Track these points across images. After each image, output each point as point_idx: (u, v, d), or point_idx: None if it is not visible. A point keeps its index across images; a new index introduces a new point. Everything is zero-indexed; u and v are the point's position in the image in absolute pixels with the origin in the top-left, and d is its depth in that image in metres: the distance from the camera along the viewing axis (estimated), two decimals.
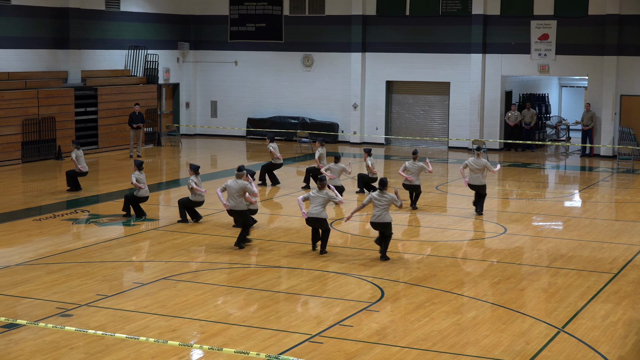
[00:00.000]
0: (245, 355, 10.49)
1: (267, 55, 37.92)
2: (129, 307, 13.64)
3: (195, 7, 38.74)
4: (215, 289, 14.78)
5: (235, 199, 17.52)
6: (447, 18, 34.93)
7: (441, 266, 16.47)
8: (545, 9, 33.61)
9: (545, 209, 22.67)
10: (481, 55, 34.29)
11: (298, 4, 37.18)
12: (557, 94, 41.82)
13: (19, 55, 31.02)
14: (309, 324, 12.91)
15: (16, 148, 29.32)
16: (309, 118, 37.05)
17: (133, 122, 31.50)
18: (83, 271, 15.74)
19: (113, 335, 11.72)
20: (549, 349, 12.01)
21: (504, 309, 13.82)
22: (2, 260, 16.54)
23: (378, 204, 16.84)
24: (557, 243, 18.62)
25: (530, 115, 34.91)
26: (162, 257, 16.85)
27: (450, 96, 35.23)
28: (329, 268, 16.23)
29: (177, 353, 11.61)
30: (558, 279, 15.69)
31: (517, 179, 27.99)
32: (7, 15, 30.46)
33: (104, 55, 34.56)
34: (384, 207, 16.81)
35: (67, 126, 31.25)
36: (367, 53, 36.18)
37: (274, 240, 18.51)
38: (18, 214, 21.07)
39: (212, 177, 26.50)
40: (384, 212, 16.79)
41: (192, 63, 38.84)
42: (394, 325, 12.92)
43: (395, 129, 36.54)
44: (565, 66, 33.87)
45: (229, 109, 38.69)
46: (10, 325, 12.52)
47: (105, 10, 34.50)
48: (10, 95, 29.25)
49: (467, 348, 12.01)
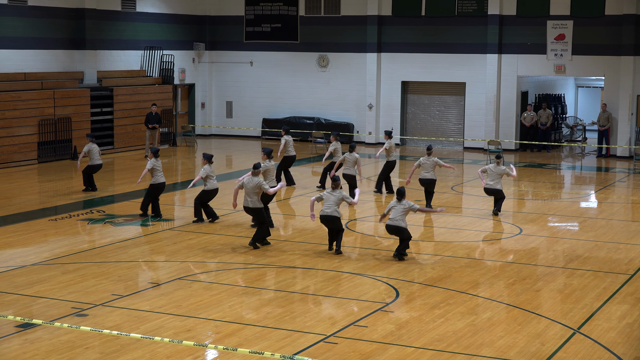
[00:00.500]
0: (260, 355, 10.50)
1: (282, 56, 37.94)
2: (144, 307, 13.66)
3: (211, 7, 38.80)
4: (230, 289, 14.79)
5: (251, 196, 17.54)
6: (463, 18, 34.87)
7: (456, 267, 16.43)
8: (562, 9, 33.49)
9: (561, 210, 22.59)
10: (497, 55, 34.20)
11: (313, 5, 37.18)
12: (574, 95, 41.66)
13: (35, 56, 31.14)
14: (323, 325, 12.90)
15: (32, 148, 29.43)
16: (324, 118, 37.05)
17: (149, 122, 31.64)
18: (98, 271, 15.78)
19: (128, 335, 11.74)
20: (564, 350, 11.97)
21: (519, 310, 13.78)
22: (18, 260, 16.60)
23: (395, 210, 16.88)
24: (573, 244, 18.55)
25: (546, 115, 34.79)
26: (178, 257, 16.87)
27: (466, 96, 35.15)
28: (344, 268, 16.22)
29: (192, 353, 11.62)
30: (574, 279, 15.64)
31: (533, 179, 27.90)
32: (24, 16, 30.57)
33: (120, 55, 34.65)
34: (402, 213, 16.81)
35: (83, 126, 31.35)
36: (382, 53, 36.14)
37: (288, 241, 18.51)
38: (34, 214, 21.14)
39: (227, 177, 26.52)
40: (400, 218, 16.77)
41: (207, 63, 38.90)
42: (408, 326, 12.89)
43: (410, 130, 36.49)
44: (581, 66, 33.75)
45: (245, 110, 38.73)
46: (26, 324, 12.57)
47: (121, 10, 34.60)
48: (27, 95, 29.37)
49: (482, 349, 11.98)
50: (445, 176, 27.78)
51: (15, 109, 28.87)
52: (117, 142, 32.97)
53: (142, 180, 21.36)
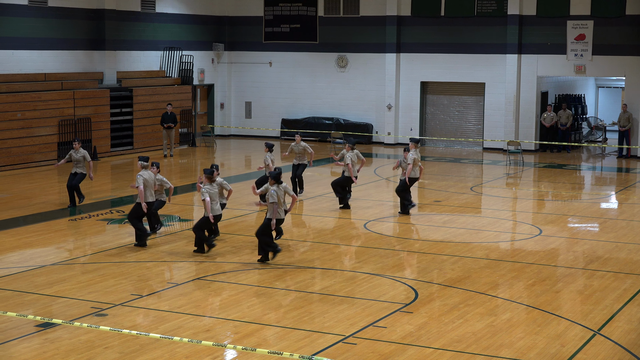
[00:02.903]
0: (278, 355, 10.49)
1: (301, 56, 37.94)
2: (163, 307, 13.69)
3: (230, 8, 38.85)
4: (249, 289, 14.79)
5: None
6: (483, 18, 34.77)
7: (475, 268, 16.38)
8: (582, 9, 33.34)
9: (581, 211, 22.49)
10: (517, 55, 34.09)
11: (332, 5, 37.17)
12: (594, 95, 41.48)
13: (55, 57, 31.27)
14: (342, 325, 12.89)
15: (52, 149, 29.55)
16: (343, 119, 37.03)
17: (165, 122, 31.84)
18: (118, 271, 15.82)
19: (147, 335, 11.76)
20: (584, 351, 11.91)
21: (539, 311, 13.72)
22: (38, 259, 16.67)
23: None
24: (593, 245, 18.46)
25: (566, 116, 34.65)
26: (196, 258, 16.89)
27: (486, 97, 35.05)
28: (363, 269, 16.20)
29: (211, 353, 11.63)
30: (594, 281, 15.56)
31: (553, 180, 27.79)
32: (44, 16, 30.71)
33: (139, 56, 34.75)
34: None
35: (103, 127, 31.46)
36: (401, 54, 36.09)
37: (307, 241, 18.50)
38: (54, 214, 21.23)
39: (246, 177, 26.54)
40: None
41: (226, 64, 38.95)
42: (427, 327, 12.86)
43: (429, 130, 36.41)
44: (601, 67, 33.59)
45: (264, 110, 38.76)
46: (46, 324, 12.61)
47: (141, 11, 34.69)
48: (47, 96, 29.50)
49: (502, 350, 11.94)
50: (463, 177, 27.72)
51: (36, 109, 29.01)
52: (137, 143, 33.05)
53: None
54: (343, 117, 37.17)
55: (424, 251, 17.58)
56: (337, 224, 20.35)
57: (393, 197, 23.76)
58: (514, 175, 28.83)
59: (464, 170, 29.81)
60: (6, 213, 21.13)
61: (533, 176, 28.97)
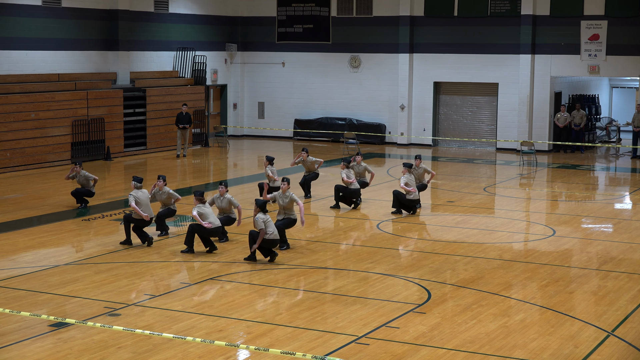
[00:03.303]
0: (291, 356, 10.49)
1: (314, 57, 37.94)
2: (176, 307, 13.71)
3: (243, 8, 38.88)
4: (262, 289, 14.80)
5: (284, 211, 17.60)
6: (496, 18, 34.70)
7: (489, 268, 16.35)
8: (596, 9, 33.24)
9: (595, 211, 22.42)
10: (530, 56, 34.00)
11: (345, 5, 37.15)
12: (608, 95, 41.35)
13: (68, 57, 31.35)
14: (355, 326, 12.88)
15: (66, 149, 29.62)
16: (356, 119, 37.01)
17: (180, 122, 31.93)
18: (131, 271, 15.85)
19: (160, 335, 11.78)
20: (598, 352, 11.86)
21: (552, 312, 13.68)
22: (51, 259, 16.72)
23: None
24: (607, 245, 18.39)
25: (579, 116, 34.54)
26: (210, 258, 16.90)
27: (499, 97, 34.98)
28: (376, 269, 16.18)
29: (224, 353, 11.64)
30: (608, 281, 15.50)
31: (567, 180, 27.71)
32: (58, 17, 30.79)
33: (153, 56, 34.81)
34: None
35: (116, 127, 31.53)
36: (414, 54, 36.04)
37: (320, 242, 18.49)
38: (67, 214, 21.28)
39: (258, 178, 26.53)
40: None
41: (239, 64, 38.98)
42: (440, 327, 12.84)
43: (442, 130, 36.36)
44: (616, 67, 33.47)
45: (276, 110, 38.78)
46: (59, 324, 12.64)
47: (154, 12, 34.75)
48: (60, 96, 29.57)
49: (515, 351, 11.91)
50: (477, 177, 27.68)
51: (49, 109, 29.08)
52: (150, 143, 33.10)
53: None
54: (356, 117, 37.15)
55: (437, 252, 17.55)
56: (350, 224, 20.34)
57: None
58: (528, 175, 28.76)
59: (477, 170, 29.75)
60: (20, 213, 21.20)
61: (546, 177, 28.90)
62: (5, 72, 28.97)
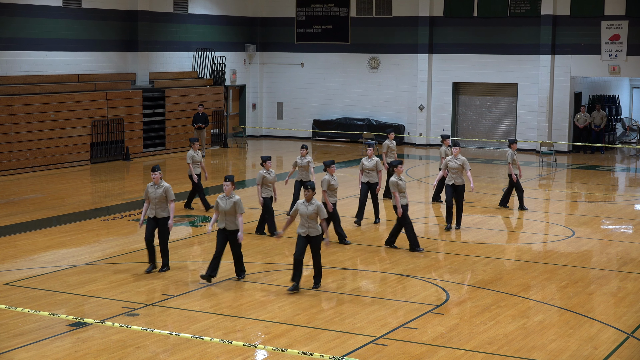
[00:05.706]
0: (309, 356, 10.48)
1: (333, 57, 37.94)
2: (194, 307, 13.73)
3: (262, 9, 38.93)
4: (280, 290, 14.79)
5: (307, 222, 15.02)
6: (516, 19, 34.59)
7: (507, 269, 16.29)
8: (617, 9, 33.07)
9: (615, 212, 22.30)
10: (550, 56, 33.88)
11: (365, 6, 37.13)
12: (628, 96, 41.11)
13: (88, 58, 31.47)
14: (373, 326, 12.86)
15: (85, 149, 29.73)
16: (375, 120, 36.99)
17: (196, 122, 32.04)
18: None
19: (178, 335, 11.80)
20: (617, 354, 11.80)
21: (571, 313, 13.62)
22: (71, 259, 16.78)
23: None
24: (627, 247, 18.29)
25: (599, 117, 34.38)
26: (228, 258, 16.90)
27: (518, 98, 34.87)
28: (394, 270, 16.15)
29: (242, 353, 11.65)
30: (627, 283, 15.42)
31: (586, 181, 27.58)
32: (77, 18, 30.91)
33: (172, 57, 34.90)
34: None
35: (135, 127, 31.63)
36: (434, 54, 35.98)
37: (338, 242, 18.45)
38: (87, 214, 21.36)
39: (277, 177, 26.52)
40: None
41: (258, 65, 39.02)
42: (459, 328, 12.80)
43: (461, 131, 36.27)
44: (636, 67, 33.28)
45: (295, 111, 38.80)
46: (78, 323, 12.68)
47: (174, 12, 34.83)
48: (80, 97, 29.69)
49: (534, 352, 11.86)
50: (496, 178, 27.60)
51: (69, 110, 29.20)
52: (169, 143, 33.19)
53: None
54: (375, 118, 37.12)
55: (456, 252, 17.51)
56: (368, 225, 20.30)
57: (425, 198, 23.70)
58: (547, 176, 28.65)
59: (496, 171, 29.66)
60: (39, 213, 21.29)
61: (566, 177, 28.78)
62: (25, 73, 29.13)
